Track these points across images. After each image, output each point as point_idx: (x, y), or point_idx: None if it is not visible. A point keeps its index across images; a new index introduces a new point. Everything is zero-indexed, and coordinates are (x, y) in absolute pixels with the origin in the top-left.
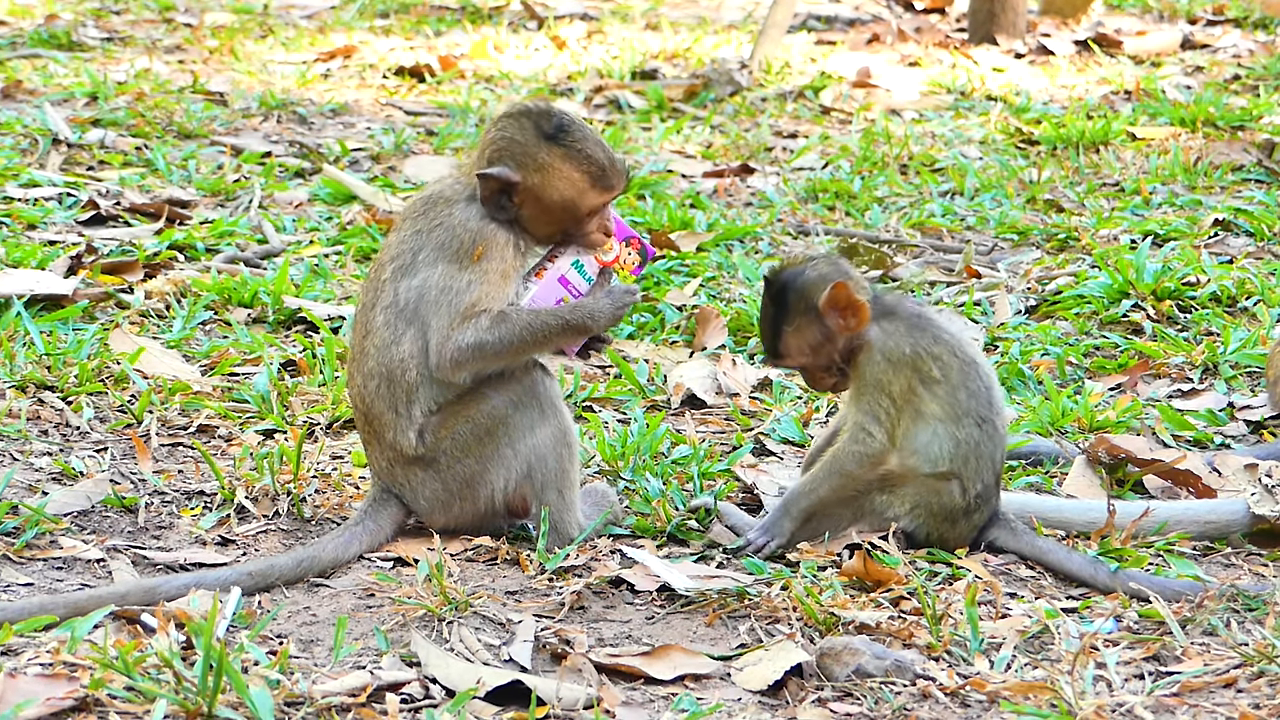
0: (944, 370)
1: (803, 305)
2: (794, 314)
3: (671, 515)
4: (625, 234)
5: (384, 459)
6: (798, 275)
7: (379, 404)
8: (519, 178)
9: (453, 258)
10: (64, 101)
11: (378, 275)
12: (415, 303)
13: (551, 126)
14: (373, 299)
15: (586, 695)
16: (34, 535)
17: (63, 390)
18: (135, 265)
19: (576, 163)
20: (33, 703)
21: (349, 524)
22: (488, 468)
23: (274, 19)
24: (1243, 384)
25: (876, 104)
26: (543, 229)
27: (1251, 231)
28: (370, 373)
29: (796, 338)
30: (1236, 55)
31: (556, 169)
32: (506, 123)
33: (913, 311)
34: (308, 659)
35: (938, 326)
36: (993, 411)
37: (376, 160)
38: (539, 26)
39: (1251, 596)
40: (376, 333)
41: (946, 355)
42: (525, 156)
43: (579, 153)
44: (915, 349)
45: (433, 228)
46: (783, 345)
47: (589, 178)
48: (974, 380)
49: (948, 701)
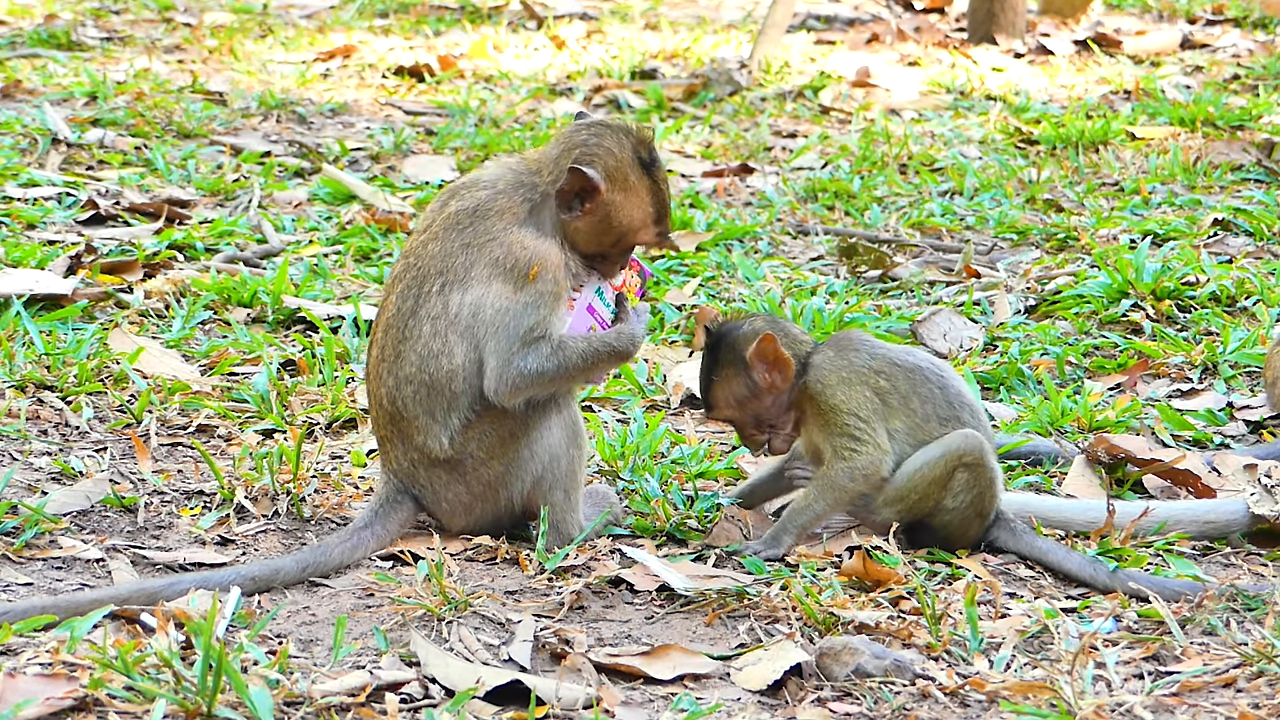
0: (891, 381)
1: (731, 356)
2: (723, 365)
3: (671, 515)
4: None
5: (406, 459)
6: (734, 328)
7: (414, 408)
8: (604, 188)
9: (507, 276)
10: (63, 101)
11: (419, 284)
12: (469, 320)
13: (648, 154)
14: (413, 305)
15: (586, 695)
16: (33, 535)
17: (62, 390)
18: (135, 265)
19: (655, 197)
20: (32, 702)
21: (356, 527)
22: (510, 470)
23: (273, 19)
24: (1242, 384)
25: (876, 104)
26: (590, 246)
27: (1251, 231)
28: (408, 377)
29: (724, 389)
30: (1236, 55)
31: (639, 195)
32: (603, 132)
33: (842, 341)
34: (307, 659)
35: (870, 345)
36: (954, 409)
37: (376, 160)
38: (538, 26)
39: (1251, 596)
40: (421, 340)
41: (887, 367)
42: (617, 171)
43: (660, 190)
44: (854, 367)
45: (484, 242)
46: (712, 396)
47: (656, 215)
48: (922, 385)
49: (947, 701)
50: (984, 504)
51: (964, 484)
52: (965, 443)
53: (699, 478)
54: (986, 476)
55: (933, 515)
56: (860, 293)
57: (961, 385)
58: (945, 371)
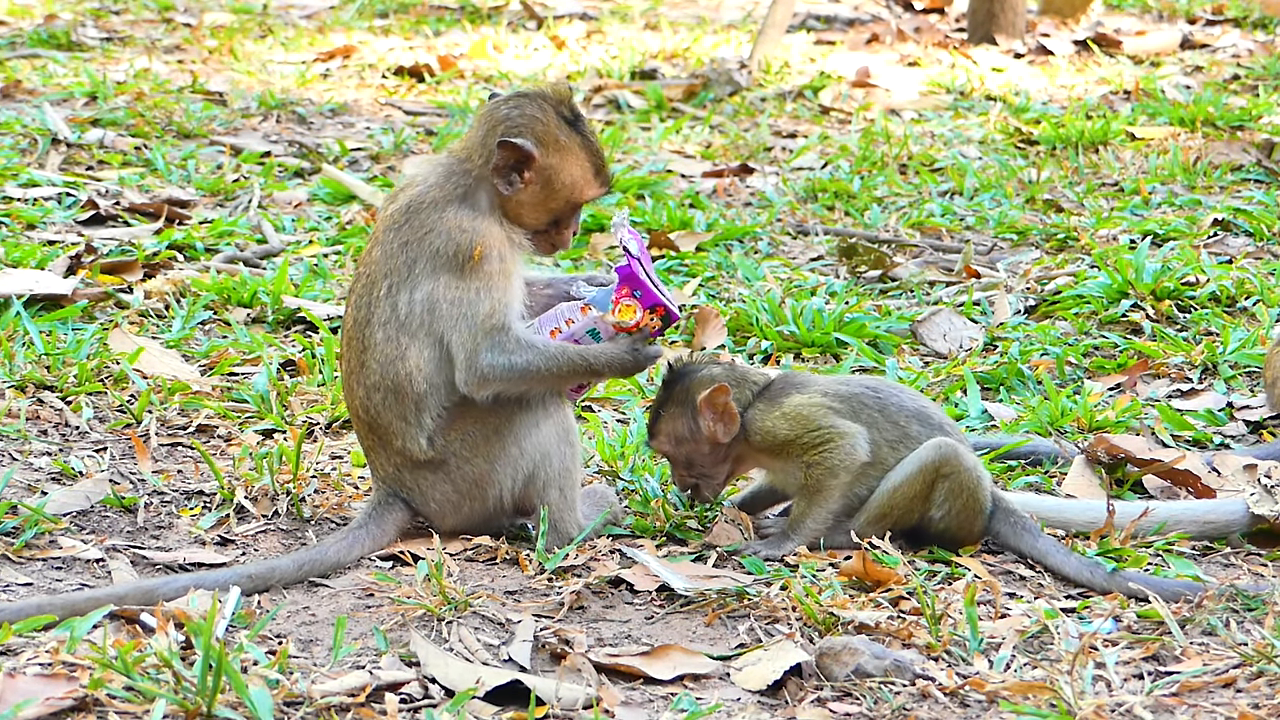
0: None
1: (684, 396)
2: (673, 402)
3: (671, 515)
4: (651, 300)
5: (390, 465)
6: (693, 370)
7: (386, 414)
8: (538, 154)
9: (451, 264)
10: (63, 101)
11: (368, 291)
12: (424, 317)
13: (570, 112)
14: (366, 315)
15: (586, 695)
16: (33, 535)
17: (62, 390)
18: (134, 265)
19: (589, 152)
20: (32, 702)
21: (351, 527)
22: (496, 467)
23: (273, 19)
24: (1242, 384)
25: (876, 104)
26: (538, 216)
27: (1251, 231)
28: (374, 385)
29: (668, 424)
30: (1236, 55)
31: (574, 153)
32: (522, 102)
33: (772, 390)
34: (307, 659)
35: (802, 385)
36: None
37: (376, 160)
38: (538, 26)
39: (1250, 596)
40: (377, 348)
41: (820, 395)
42: (546, 135)
43: (591, 142)
44: (791, 406)
45: (422, 235)
46: (656, 427)
47: (594, 168)
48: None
49: (947, 701)
50: (975, 502)
51: (946, 493)
52: (938, 453)
53: None
54: (969, 480)
55: (922, 526)
56: (860, 293)
57: (903, 397)
58: (882, 390)
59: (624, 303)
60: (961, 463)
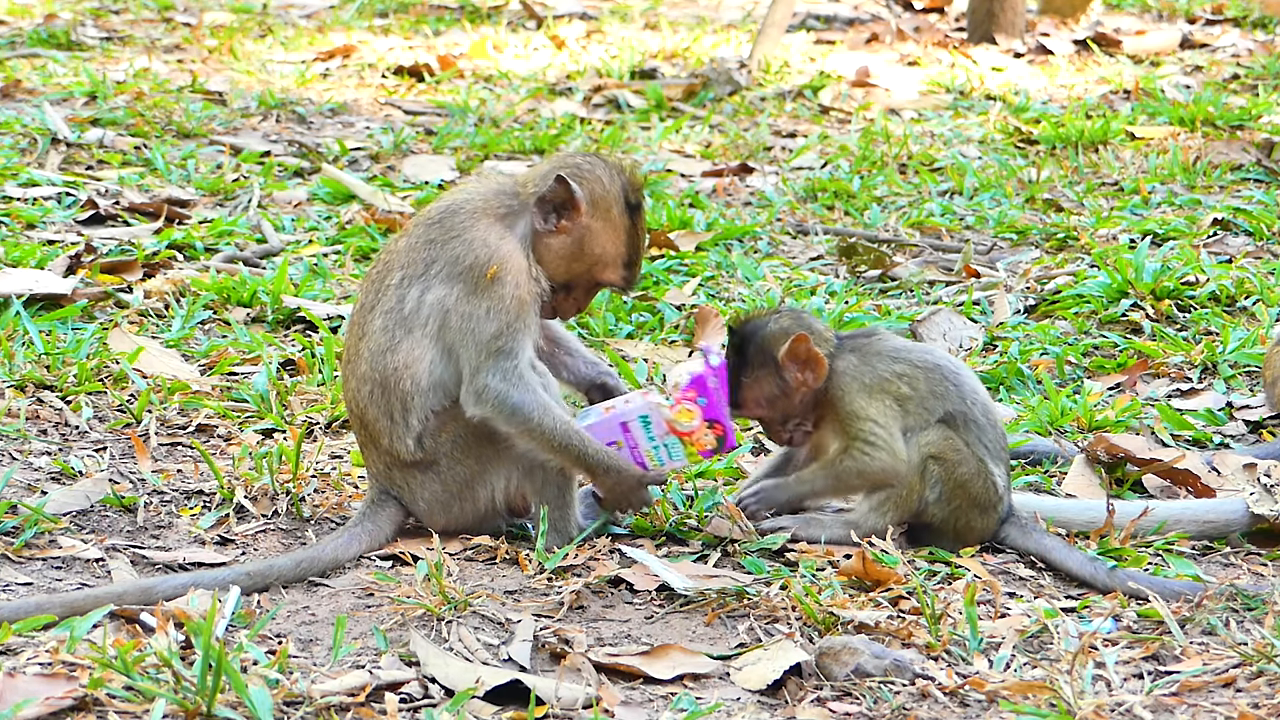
0: (912, 385)
1: (762, 357)
2: (753, 366)
3: (671, 515)
4: (712, 415)
5: (381, 463)
6: (760, 327)
7: (372, 410)
8: (584, 208)
9: (466, 275)
10: (63, 101)
11: (381, 278)
12: (430, 320)
13: (636, 197)
14: (373, 301)
15: (585, 695)
16: (33, 535)
17: (62, 390)
18: (134, 265)
19: (630, 239)
20: (32, 702)
21: (348, 525)
22: (487, 468)
23: (273, 18)
24: (1241, 383)
25: (875, 103)
26: (557, 270)
27: (1250, 231)
28: (363, 377)
29: (754, 389)
30: (1235, 55)
31: (616, 231)
32: (598, 163)
33: (863, 343)
34: (307, 658)
35: (892, 349)
36: (966, 404)
37: (375, 159)
38: (538, 26)
39: (1250, 596)
40: (372, 336)
41: (909, 371)
42: (602, 200)
43: (638, 233)
44: (878, 375)
45: (448, 239)
46: (741, 396)
47: (628, 256)
48: (940, 384)
49: (946, 701)
50: (971, 494)
51: (937, 476)
52: (927, 434)
53: (699, 477)
54: (961, 469)
55: (922, 514)
56: (860, 292)
57: (975, 382)
58: (961, 369)
59: (685, 404)
60: (953, 451)
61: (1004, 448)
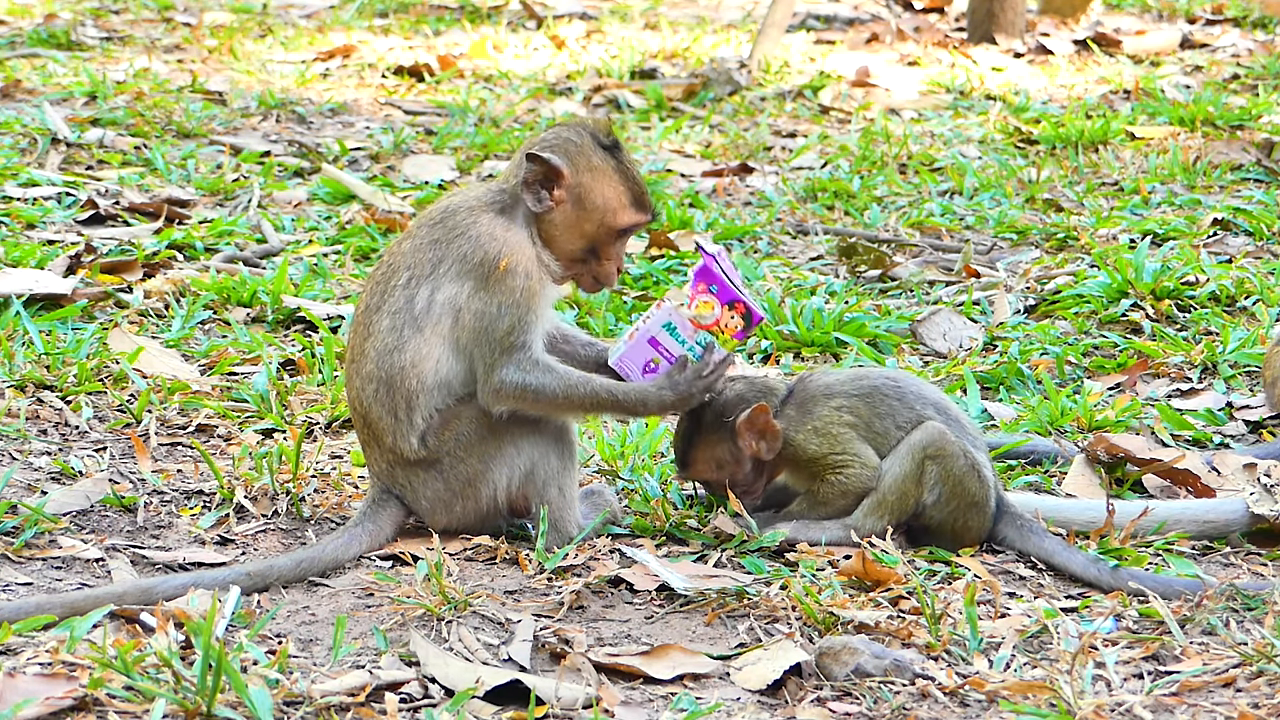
0: (855, 414)
1: (717, 421)
2: (707, 429)
3: (671, 515)
4: (729, 296)
5: (383, 461)
6: (719, 391)
7: (376, 408)
8: (567, 171)
9: (476, 271)
10: (63, 101)
11: (387, 280)
12: (441, 319)
13: (608, 139)
14: (378, 302)
15: (585, 695)
16: (33, 535)
17: (62, 390)
18: (134, 265)
19: (624, 177)
20: (32, 702)
21: (348, 525)
22: (490, 466)
23: (273, 18)
24: (1241, 383)
25: (875, 103)
26: (573, 239)
27: (1250, 231)
28: (368, 376)
29: (705, 452)
30: (1235, 55)
31: (606, 175)
32: (560, 128)
33: (799, 396)
34: (307, 658)
35: (825, 388)
36: (915, 411)
37: (375, 159)
38: (538, 26)
39: (1250, 596)
40: (379, 336)
41: (845, 401)
42: (578, 155)
43: (628, 168)
44: (820, 418)
45: (453, 237)
46: (691, 457)
47: (630, 194)
48: (881, 403)
49: (946, 701)
50: (968, 493)
51: (936, 477)
52: (925, 435)
53: None
54: (958, 466)
55: (920, 516)
56: (860, 293)
57: (921, 386)
58: (901, 380)
59: (700, 298)
60: (950, 448)
61: (979, 434)
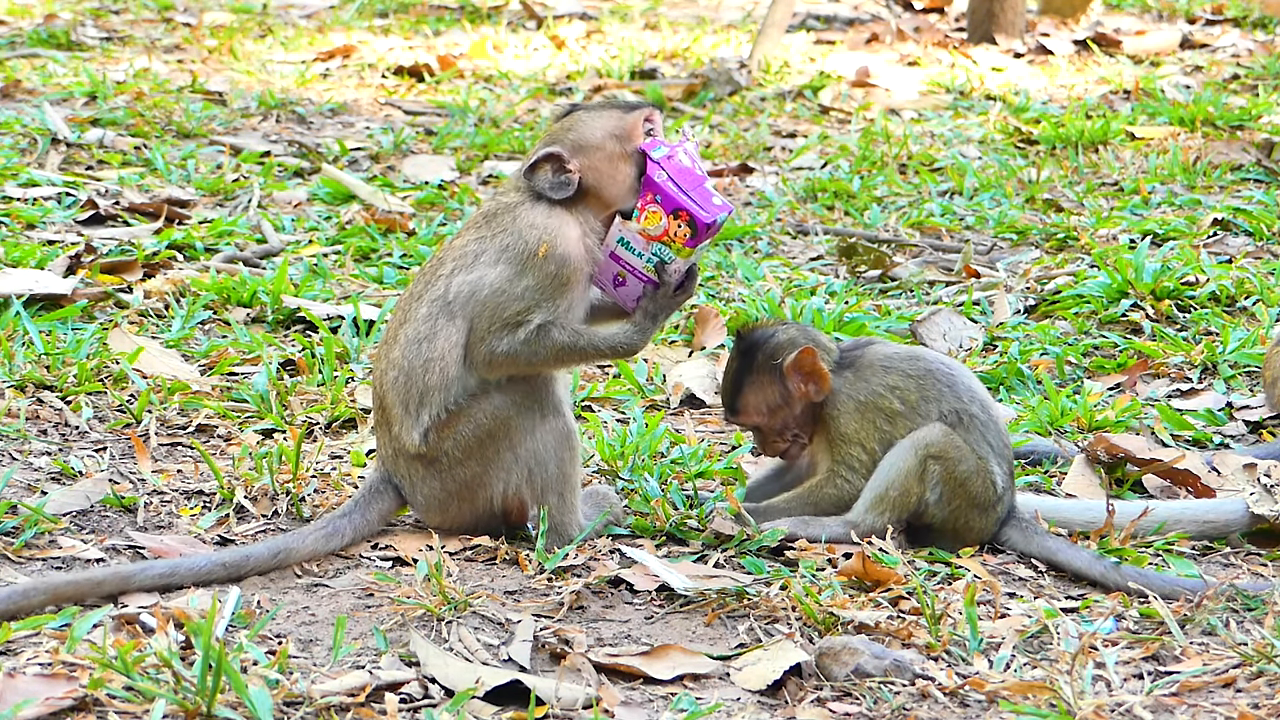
0: (903, 396)
1: (767, 365)
2: (757, 372)
3: (671, 515)
4: (673, 205)
5: (390, 447)
6: (768, 336)
7: (393, 395)
8: (560, 149)
9: (514, 258)
10: (63, 101)
11: (434, 270)
12: (465, 299)
13: (569, 104)
14: (421, 290)
15: (585, 695)
16: (33, 535)
17: (62, 390)
18: (134, 265)
19: (602, 108)
20: (32, 702)
21: (334, 515)
22: (488, 470)
23: (273, 18)
24: (1241, 384)
25: (875, 103)
26: (609, 192)
27: (1250, 231)
28: (393, 362)
29: (755, 396)
30: (1235, 55)
31: (586, 122)
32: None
33: (857, 355)
34: (307, 659)
35: (883, 355)
36: (964, 401)
37: (375, 160)
38: (538, 26)
39: (1251, 596)
40: (414, 323)
41: (899, 381)
42: (561, 130)
43: (600, 104)
44: (871, 390)
45: (496, 233)
46: (741, 402)
47: (621, 110)
48: (932, 388)
49: (946, 701)
50: (970, 494)
51: (938, 476)
52: (929, 434)
53: (699, 477)
54: (962, 467)
55: (921, 514)
56: (860, 293)
57: (972, 381)
58: (955, 369)
59: (649, 209)
60: (952, 449)
61: (1007, 445)
